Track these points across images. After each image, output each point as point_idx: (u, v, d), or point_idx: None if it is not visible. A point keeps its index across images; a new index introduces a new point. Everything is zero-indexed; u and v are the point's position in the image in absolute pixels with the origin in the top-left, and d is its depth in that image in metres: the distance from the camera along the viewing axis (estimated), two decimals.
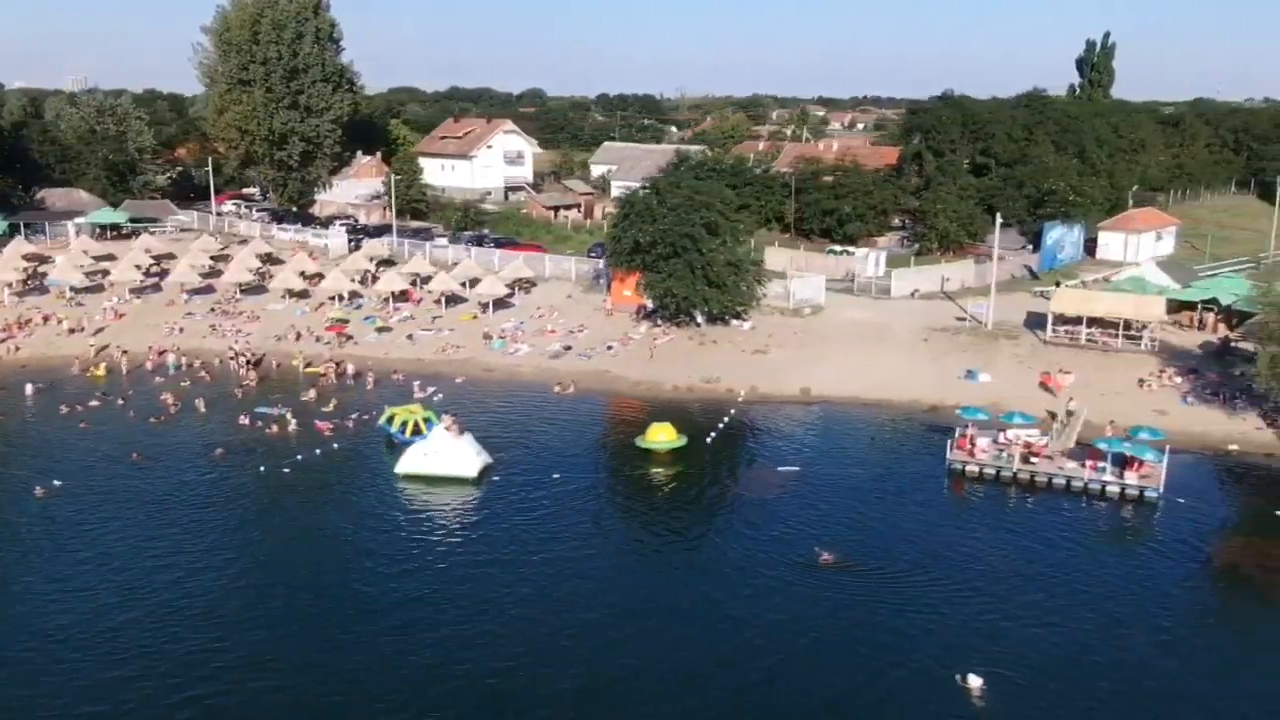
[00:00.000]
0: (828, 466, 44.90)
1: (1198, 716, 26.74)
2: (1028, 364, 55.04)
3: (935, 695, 27.37)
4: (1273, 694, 27.68)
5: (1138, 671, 28.55)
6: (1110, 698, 27.29)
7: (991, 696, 27.40)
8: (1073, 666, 28.72)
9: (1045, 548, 36.55)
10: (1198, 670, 28.74)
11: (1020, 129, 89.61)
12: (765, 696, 27.24)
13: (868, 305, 64.74)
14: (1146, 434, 43.14)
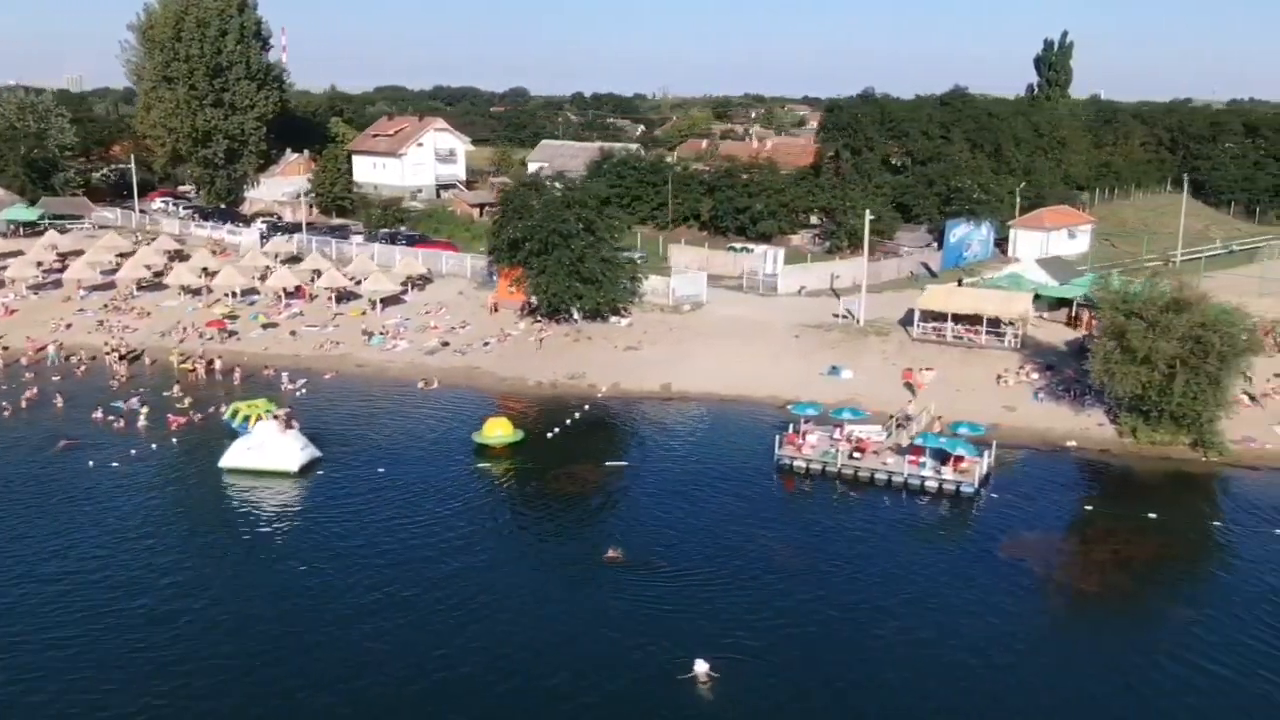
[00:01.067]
0: (661, 462, 44.98)
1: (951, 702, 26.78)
2: (893, 360, 55.01)
3: (662, 686, 27.38)
4: (1028, 684, 27.66)
5: (883, 661, 28.60)
6: (848, 687, 27.37)
7: (721, 683, 27.49)
8: (808, 654, 28.77)
9: (844, 541, 36.62)
10: (960, 659, 28.79)
11: (938, 127, 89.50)
12: (478, 686, 27.27)
13: (751, 302, 64.68)
14: (966, 429, 43.11)
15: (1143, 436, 45.97)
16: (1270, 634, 30.22)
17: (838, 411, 45.28)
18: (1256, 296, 62.19)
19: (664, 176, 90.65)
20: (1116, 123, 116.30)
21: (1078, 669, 28.42)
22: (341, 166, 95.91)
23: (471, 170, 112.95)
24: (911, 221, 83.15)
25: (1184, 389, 44.10)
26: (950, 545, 36.64)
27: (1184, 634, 30.41)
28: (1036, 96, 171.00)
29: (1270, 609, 31.75)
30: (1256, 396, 49.04)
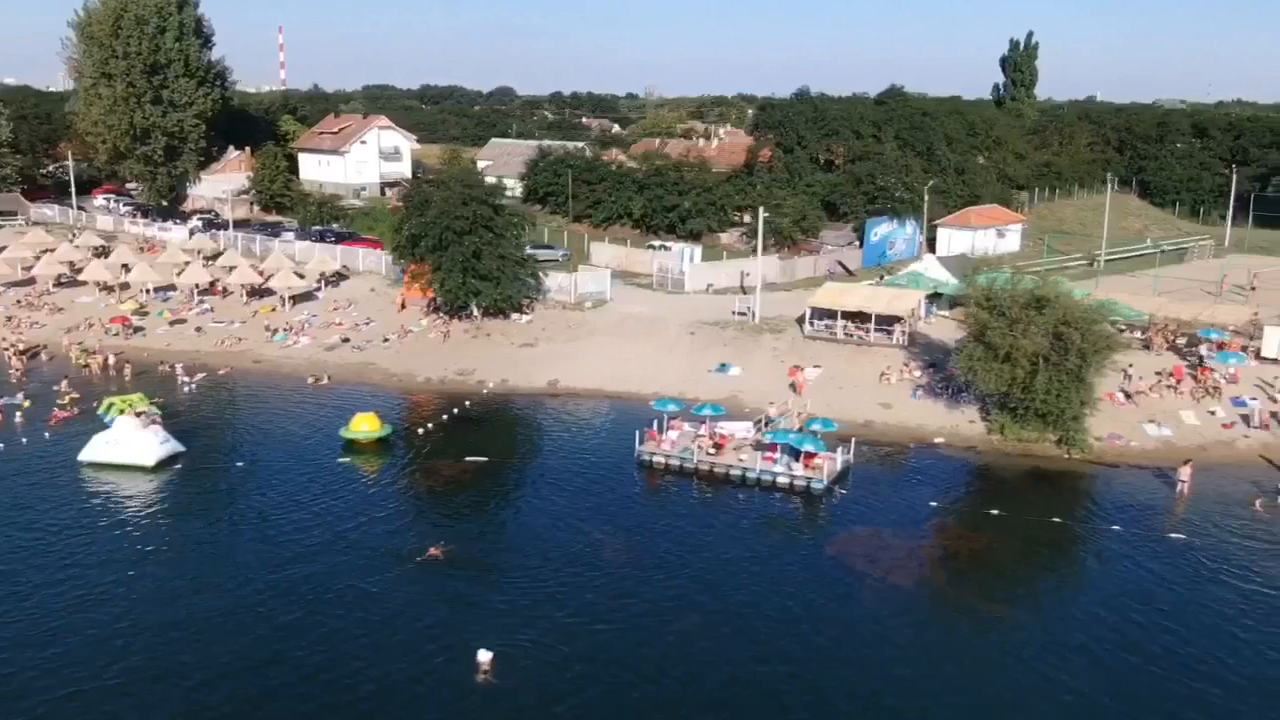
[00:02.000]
0: (523, 457, 45.17)
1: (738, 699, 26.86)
2: (782, 358, 55.06)
3: (439, 676, 27.50)
4: (809, 680, 27.71)
5: (673, 655, 28.62)
6: (635, 680, 27.43)
7: (501, 672, 27.61)
8: (599, 646, 28.83)
9: (675, 537, 36.58)
10: (770, 649, 28.92)
11: (870, 126, 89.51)
12: (261, 682, 27.35)
13: (657, 300, 64.73)
14: (819, 425, 43.17)
15: (1010, 434, 46.02)
16: (1081, 631, 30.29)
17: (699, 408, 45.37)
18: (1152, 295, 62.45)
19: (599, 175, 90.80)
20: (1062, 123, 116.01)
21: (860, 663, 28.50)
22: (280, 164, 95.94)
23: (424, 169, 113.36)
24: (840, 220, 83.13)
25: (1046, 386, 44.22)
26: (780, 541, 36.62)
27: (990, 630, 30.52)
28: (1002, 97, 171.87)
29: (1088, 607, 31.87)
30: (1132, 394, 49.09)
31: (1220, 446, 45.53)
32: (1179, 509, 39.71)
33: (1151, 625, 30.59)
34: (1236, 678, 27.82)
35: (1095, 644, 29.54)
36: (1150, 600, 32.28)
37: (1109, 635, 30.06)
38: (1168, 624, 30.67)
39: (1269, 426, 46.47)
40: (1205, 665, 28.41)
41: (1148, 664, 28.51)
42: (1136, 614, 31.36)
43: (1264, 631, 30.26)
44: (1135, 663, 28.60)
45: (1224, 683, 27.56)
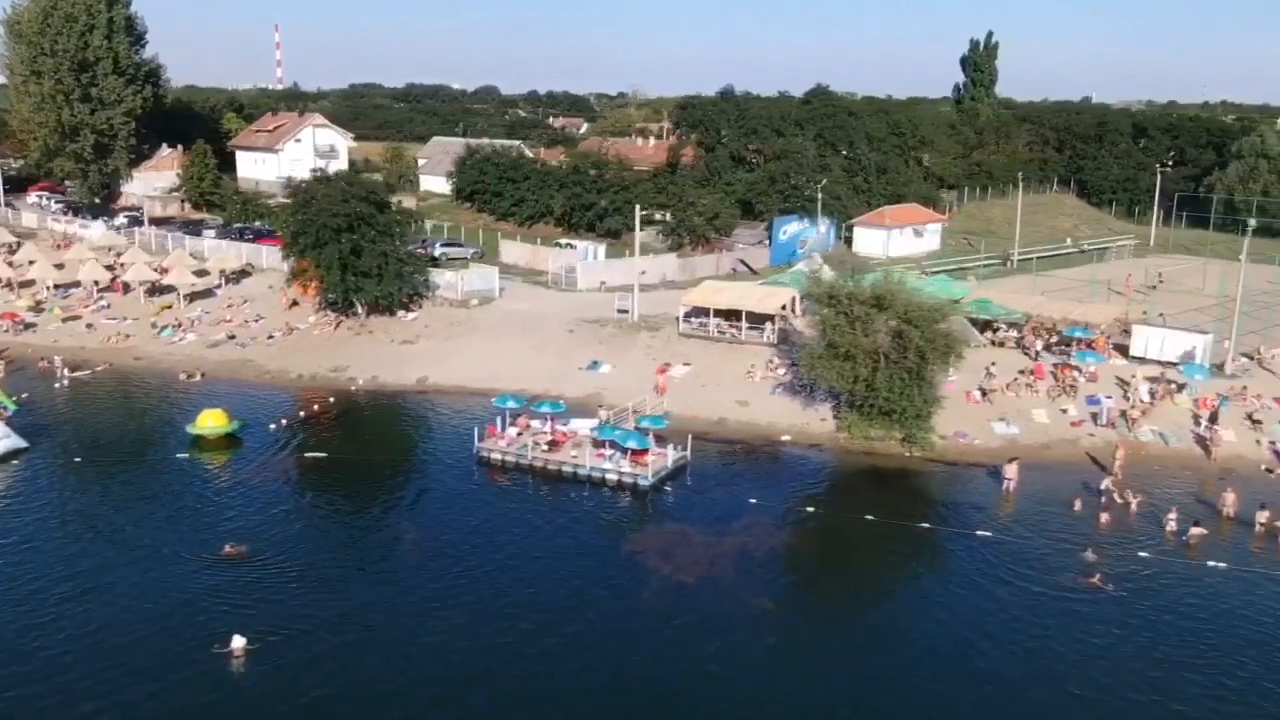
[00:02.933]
0: (366, 454, 45.13)
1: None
2: (655, 355, 55.11)
3: (194, 658, 27.69)
4: (568, 675, 27.81)
5: (430, 651, 28.70)
6: (383, 671, 27.51)
7: (254, 659, 27.79)
8: (357, 640, 28.94)
9: (484, 533, 36.64)
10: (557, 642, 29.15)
11: (793, 125, 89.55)
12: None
13: (546, 297, 64.89)
14: (648, 423, 43.22)
15: (856, 432, 46.08)
16: (838, 628, 30.39)
17: (539, 404, 45.45)
18: (1032, 294, 62.58)
19: (523, 174, 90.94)
20: (999, 123, 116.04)
21: (603, 662, 28.57)
22: (209, 161, 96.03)
23: (370, 167, 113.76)
24: (756, 219, 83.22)
25: (888, 384, 44.32)
26: (583, 537, 36.56)
27: (753, 624, 30.52)
28: (962, 96, 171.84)
29: (857, 605, 31.98)
30: (988, 392, 49.13)
31: (1065, 445, 45.57)
32: (999, 507, 39.78)
33: (924, 625, 30.66)
34: (990, 677, 27.96)
35: (847, 640, 29.71)
36: (927, 597, 32.42)
37: (865, 632, 30.21)
38: (942, 622, 30.74)
39: (1114, 425, 46.48)
40: (963, 664, 28.51)
41: (903, 666, 28.55)
42: (908, 612, 31.50)
43: (1030, 633, 30.36)
44: (887, 662, 28.70)
45: (972, 680, 27.69)
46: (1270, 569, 34.33)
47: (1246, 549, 36.09)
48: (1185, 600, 32.39)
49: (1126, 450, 42.50)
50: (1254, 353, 54.43)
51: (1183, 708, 26.55)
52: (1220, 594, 32.80)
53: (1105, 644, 29.54)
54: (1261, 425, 46.12)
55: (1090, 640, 29.70)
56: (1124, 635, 30.08)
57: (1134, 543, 36.12)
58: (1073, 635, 29.96)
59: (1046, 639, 29.76)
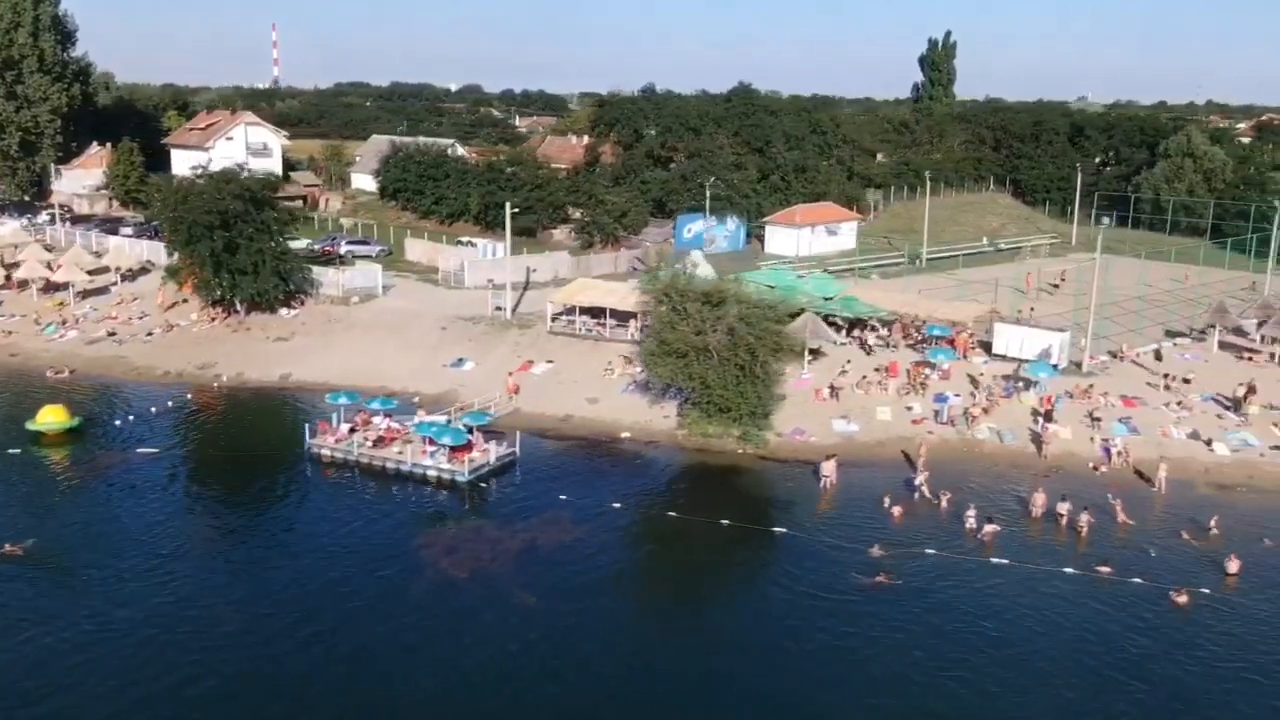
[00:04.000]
0: (199, 449, 45.32)
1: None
2: (521, 352, 55.13)
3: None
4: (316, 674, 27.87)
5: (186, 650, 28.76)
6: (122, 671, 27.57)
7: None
8: (114, 636, 29.03)
9: (283, 528, 36.87)
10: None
11: (712, 124, 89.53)
12: None
13: (431, 295, 64.91)
14: (469, 420, 43.31)
15: (694, 429, 46.05)
16: (589, 621, 30.40)
17: (370, 401, 45.53)
18: (904, 293, 62.62)
19: (444, 172, 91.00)
20: (932, 122, 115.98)
21: (357, 653, 28.65)
22: (136, 159, 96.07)
23: (314, 165, 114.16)
24: (669, 217, 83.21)
25: (720, 382, 44.35)
26: (380, 533, 36.57)
27: (514, 619, 30.52)
28: (920, 96, 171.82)
29: (608, 598, 31.98)
30: (837, 389, 49.10)
31: (901, 442, 45.50)
32: (810, 504, 39.81)
33: (687, 619, 30.77)
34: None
35: (611, 634, 29.77)
36: (701, 591, 32.51)
37: (626, 625, 30.22)
38: (705, 615, 30.84)
39: (954, 423, 46.44)
40: (711, 660, 28.60)
41: (657, 661, 28.63)
42: (678, 607, 31.55)
43: (796, 631, 30.41)
44: (643, 654, 28.75)
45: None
46: (1054, 565, 34.29)
47: (1037, 545, 36.07)
48: (959, 597, 32.46)
49: (928, 449, 42.48)
50: (1118, 350, 54.44)
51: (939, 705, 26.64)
52: (993, 590, 32.87)
53: (863, 642, 29.62)
54: (1100, 423, 46.07)
55: (848, 639, 29.77)
56: (882, 635, 30.08)
57: (928, 540, 36.10)
58: (837, 632, 30.07)
59: (816, 635, 29.88)
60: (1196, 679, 28.05)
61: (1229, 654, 29.25)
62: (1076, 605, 31.94)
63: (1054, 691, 27.42)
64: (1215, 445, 44.20)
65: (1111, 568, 34.08)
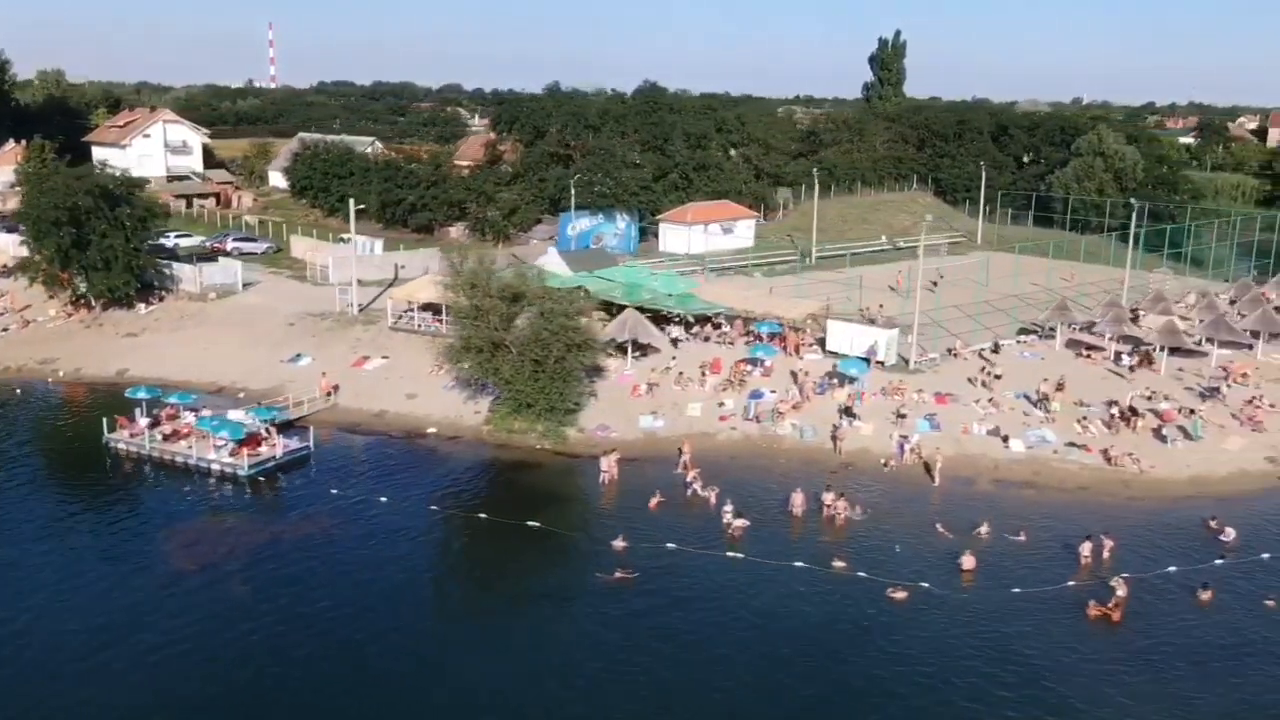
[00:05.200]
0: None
1: None
2: (361, 348, 55.21)
3: None
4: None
5: None
6: None
7: None
8: None
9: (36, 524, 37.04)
10: None
11: (613, 122, 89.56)
12: None
13: (288, 291, 65.09)
14: (253, 415, 43.41)
15: (500, 425, 46.20)
16: (324, 608, 30.53)
17: (168, 395, 45.70)
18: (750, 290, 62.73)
19: (348, 169, 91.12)
20: (852, 120, 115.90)
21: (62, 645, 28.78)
22: (47, 156, 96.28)
23: (234, 163, 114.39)
24: None
25: (518, 377, 44.51)
26: (130, 528, 36.69)
27: (228, 611, 30.64)
28: (870, 95, 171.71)
29: (341, 589, 32.08)
30: (654, 385, 49.16)
31: (702, 439, 45.54)
32: (580, 499, 40.03)
33: (399, 610, 30.86)
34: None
35: (326, 618, 30.02)
36: (415, 587, 32.57)
37: (327, 618, 30.34)
38: (415, 606, 30.92)
39: (760, 420, 46.46)
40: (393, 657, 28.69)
41: (344, 653, 28.73)
42: (376, 594, 31.63)
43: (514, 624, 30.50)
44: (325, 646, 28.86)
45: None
46: (787, 559, 34.37)
47: (782, 540, 36.15)
48: (678, 589, 32.66)
49: (691, 445, 42.58)
50: (953, 348, 54.45)
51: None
52: (710, 583, 33.13)
53: (572, 636, 29.98)
54: (905, 420, 46.09)
55: (552, 633, 30.03)
56: (593, 630, 30.29)
57: (673, 535, 36.16)
58: (545, 632, 30.28)
59: (515, 628, 30.08)
60: (860, 675, 28.14)
61: (918, 651, 29.30)
62: (792, 598, 32.09)
63: (726, 677, 27.64)
64: (1012, 442, 44.20)
65: (846, 562, 34.16)
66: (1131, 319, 57.88)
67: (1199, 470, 42.72)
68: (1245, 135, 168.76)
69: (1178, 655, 29.26)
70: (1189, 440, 44.65)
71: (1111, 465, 42.57)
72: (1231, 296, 66.35)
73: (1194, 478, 42.19)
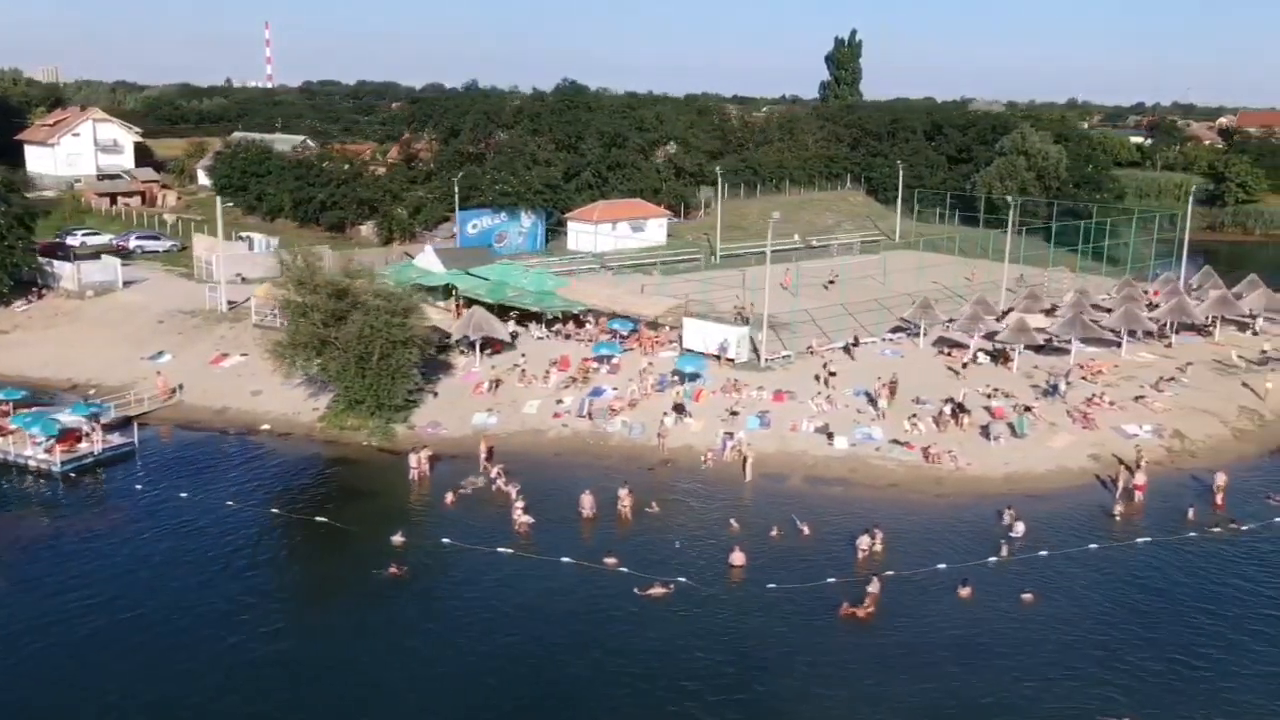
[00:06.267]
0: None
1: None
2: (223, 346, 55.42)
3: None
4: None
5: None
6: None
7: None
8: None
9: None
10: None
11: (527, 120, 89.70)
12: None
13: (172, 288, 65.31)
14: (68, 412, 43.58)
15: (332, 422, 46.35)
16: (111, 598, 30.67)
17: (7, 391, 46.06)
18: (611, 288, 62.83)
19: (266, 169, 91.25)
20: (783, 119, 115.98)
21: None
22: None
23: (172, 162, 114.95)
24: None
25: (344, 374, 44.66)
26: None
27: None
28: (827, 94, 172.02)
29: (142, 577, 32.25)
30: (498, 382, 49.25)
31: (532, 435, 45.70)
32: (384, 496, 40.13)
33: (151, 601, 31.03)
34: None
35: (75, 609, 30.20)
36: (181, 576, 32.68)
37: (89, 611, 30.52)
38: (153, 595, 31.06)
39: (592, 417, 46.52)
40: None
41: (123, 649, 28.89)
42: (148, 589, 31.76)
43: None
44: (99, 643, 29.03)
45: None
46: (555, 555, 34.45)
47: (562, 536, 36.17)
48: (442, 585, 32.92)
49: (488, 443, 42.77)
50: (811, 345, 54.53)
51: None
52: (486, 579, 33.20)
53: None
54: (737, 417, 46.14)
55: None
56: (338, 623, 30.47)
57: (452, 530, 36.28)
58: (318, 620, 30.61)
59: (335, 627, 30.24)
60: (586, 671, 28.23)
61: (649, 646, 29.39)
62: (549, 593, 32.22)
63: (439, 668, 27.90)
64: (836, 439, 44.25)
65: (617, 559, 34.23)
66: (999, 318, 57.96)
67: (1017, 468, 42.76)
68: (1202, 135, 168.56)
69: (912, 652, 29.30)
70: (1015, 437, 44.70)
71: (929, 462, 42.63)
72: (1121, 295, 66.24)
73: (1009, 475, 42.22)
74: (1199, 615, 31.62)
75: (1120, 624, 31.02)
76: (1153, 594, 32.97)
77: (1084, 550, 35.98)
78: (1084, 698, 27.11)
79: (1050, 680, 27.90)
